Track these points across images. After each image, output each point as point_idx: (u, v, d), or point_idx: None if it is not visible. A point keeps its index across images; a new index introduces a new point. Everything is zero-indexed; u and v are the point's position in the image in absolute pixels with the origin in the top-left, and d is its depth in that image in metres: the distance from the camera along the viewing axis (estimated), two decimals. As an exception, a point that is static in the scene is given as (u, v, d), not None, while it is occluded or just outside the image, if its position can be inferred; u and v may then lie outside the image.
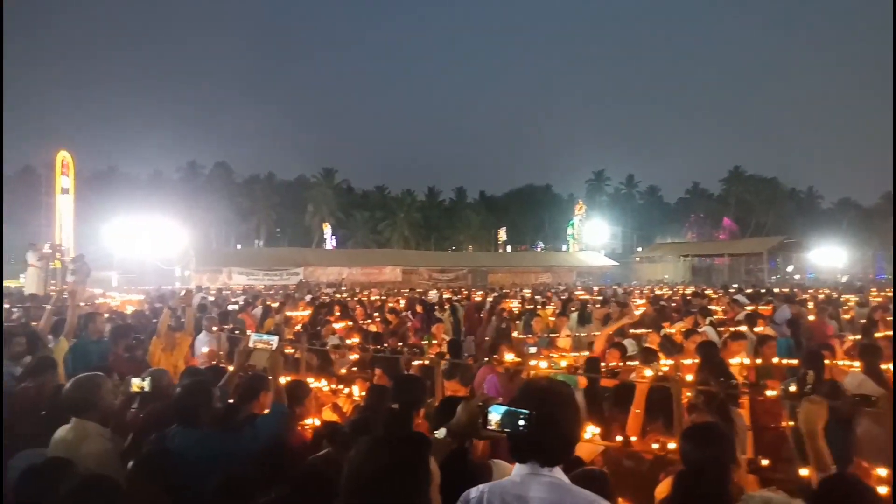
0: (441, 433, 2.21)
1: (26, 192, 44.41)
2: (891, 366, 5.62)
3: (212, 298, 16.06)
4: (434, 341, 8.10)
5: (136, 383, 3.74)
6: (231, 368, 4.13)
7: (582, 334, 9.89)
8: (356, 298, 16.88)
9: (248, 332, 4.45)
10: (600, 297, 16.55)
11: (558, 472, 1.62)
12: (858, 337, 8.12)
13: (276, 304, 13.02)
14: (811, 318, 10.71)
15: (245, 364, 3.85)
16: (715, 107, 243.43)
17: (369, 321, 11.06)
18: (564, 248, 62.89)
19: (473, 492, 1.76)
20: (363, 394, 4.25)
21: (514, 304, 15.57)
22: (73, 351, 5.72)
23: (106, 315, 8.55)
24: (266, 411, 3.62)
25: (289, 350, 5.86)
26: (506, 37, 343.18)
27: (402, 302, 15.00)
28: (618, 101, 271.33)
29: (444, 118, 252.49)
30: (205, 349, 7.05)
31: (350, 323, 10.16)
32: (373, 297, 18.52)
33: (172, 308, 7.01)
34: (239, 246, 58.27)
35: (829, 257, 47.64)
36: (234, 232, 64.41)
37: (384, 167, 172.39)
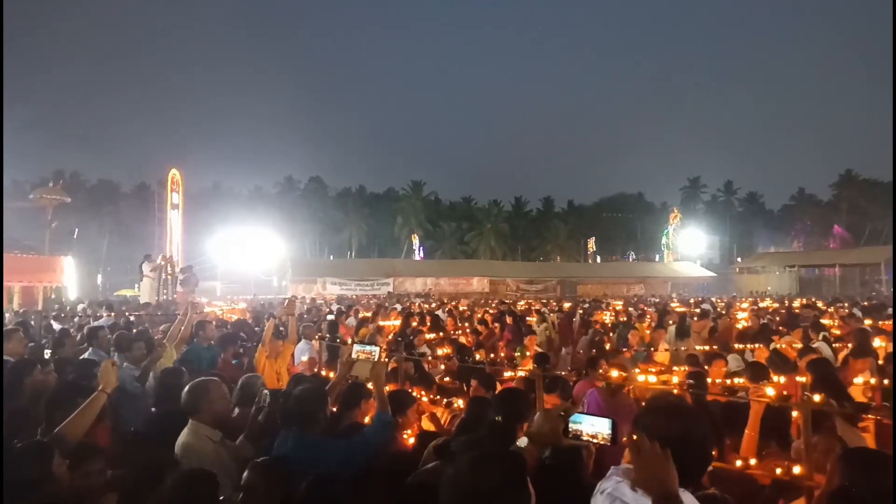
0: (523, 442, 2.18)
1: (141, 207, 48.10)
2: None
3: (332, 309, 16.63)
4: (527, 353, 8.00)
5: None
6: (332, 376, 4.24)
7: (681, 348, 9.48)
8: (446, 309, 16.98)
9: (350, 342, 4.56)
10: (698, 310, 15.83)
11: (687, 497, 1.52)
12: None
13: (369, 314, 13.33)
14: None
15: (348, 374, 3.94)
16: (822, 106, 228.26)
17: (458, 332, 11.08)
18: (658, 258, 60.72)
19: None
20: (460, 404, 4.24)
21: (606, 317, 15.16)
22: (185, 356, 6.07)
23: (214, 323, 9.06)
24: (367, 420, 3.69)
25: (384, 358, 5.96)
26: (592, 43, 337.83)
27: (492, 313, 14.95)
28: (714, 105, 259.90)
29: (531, 127, 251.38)
30: (304, 357, 7.29)
31: (441, 334, 10.23)
32: (461, 308, 18.55)
33: (276, 317, 7.31)
34: (332, 257, 60.28)
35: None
36: (328, 243, 66.75)
37: (471, 178, 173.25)
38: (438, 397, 4.51)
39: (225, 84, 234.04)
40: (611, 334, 11.66)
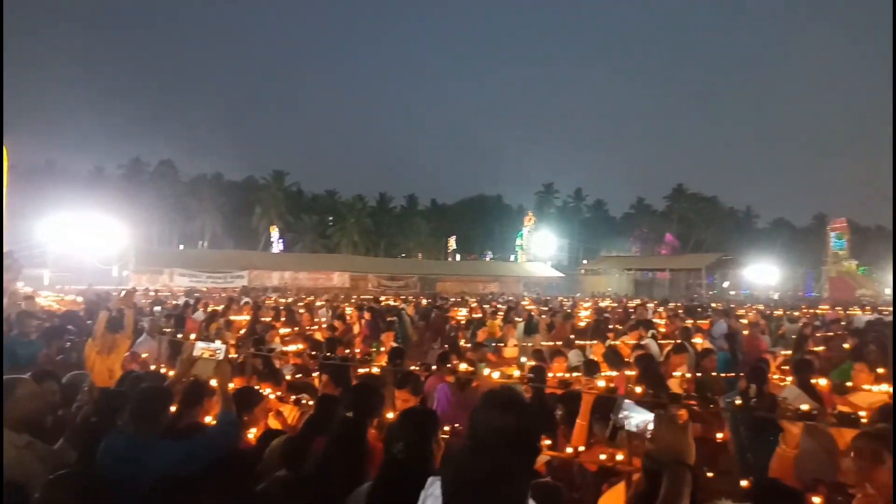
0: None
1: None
2: (821, 380, 5.90)
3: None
4: (382, 349, 8.03)
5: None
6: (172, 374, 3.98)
7: (529, 344, 9.99)
8: (303, 304, 16.60)
9: (193, 339, 4.30)
10: (546, 308, 16.80)
11: None
12: (789, 352, 8.48)
13: (219, 308, 12.68)
14: (745, 332, 11.13)
15: (188, 373, 3.72)
16: (660, 125, 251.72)
17: (315, 328, 10.88)
18: (513, 258, 63.57)
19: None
20: (310, 402, 4.16)
21: (461, 314, 15.62)
22: (-3, 352, 5.40)
23: (36, 315, 8.15)
24: (209, 419, 3.53)
25: (232, 355, 5.70)
26: (461, 48, 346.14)
27: (350, 309, 14.84)
28: (569, 116, 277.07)
29: (396, 125, 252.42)
30: (145, 354, 6.78)
31: (295, 329, 9.98)
32: (319, 303, 18.27)
33: (110, 309, 6.72)
34: (182, 247, 56.51)
35: (762, 274, 49.75)
36: (178, 232, 62.44)
37: (336, 171, 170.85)
38: (288, 394, 4.40)
39: (63, 48, 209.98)
40: (464, 331, 12.04)
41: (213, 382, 3.62)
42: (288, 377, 5.56)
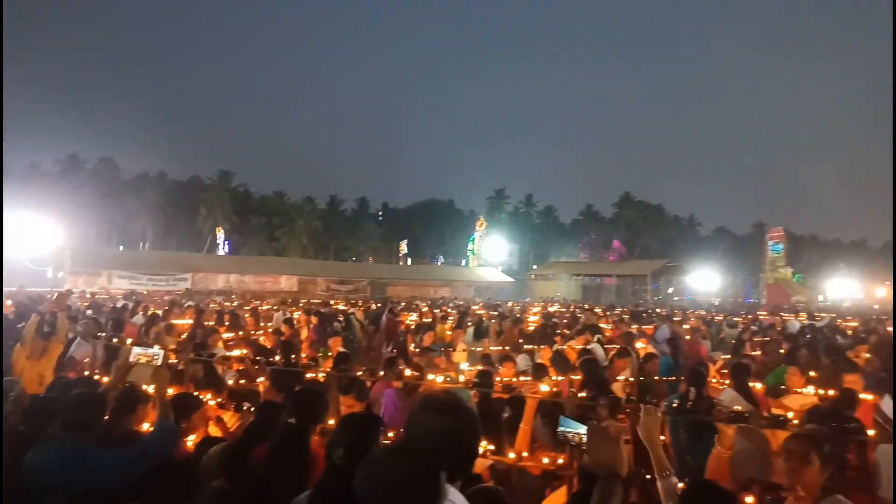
0: None
1: None
2: (757, 384, 6.12)
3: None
4: (329, 354, 7.90)
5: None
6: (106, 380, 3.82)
7: (478, 348, 10.03)
8: (249, 308, 16.26)
9: (130, 344, 4.14)
10: (496, 313, 16.91)
11: (454, 493, 1.57)
12: (728, 356, 8.77)
13: (160, 312, 12.27)
14: (687, 337, 11.46)
15: (123, 379, 3.57)
16: (610, 134, 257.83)
17: (261, 332, 10.65)
18: (464, 263, 63.86)
19: None
20: (251, 409, 4.05)
21: (411, 318, 15.58)
22: None
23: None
24: (146, 426, 3.41)
25: (172, 359, 5.52)
26: (413, 52, 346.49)
27: (298, 313, 14.59)
28: (520, 123, 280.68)
29: (348, 127, 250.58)
30: (87, 359, 6.49)
31: (239, 333, 9.75)
32: (273, 307, 17.95)
33: (42, 312, 6.41)
34: (122, 248, 54.52)
35: (704, 281, 51.44)
36: (118, 232, 60.16)
37: (285, 172, 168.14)
38: (229, 401, 4.27)
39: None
40: (414, 335, 12.00)
41: (151, 389, 3.50)
42: (231, 383, 5.41)
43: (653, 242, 71.88)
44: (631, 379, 6.32)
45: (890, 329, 13.70)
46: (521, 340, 10.67)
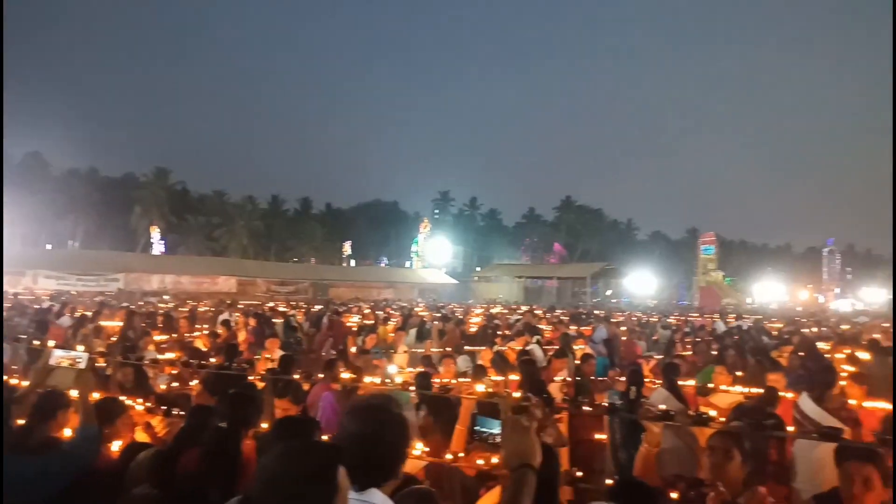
0: None
1: None
2: (689, 382, 6.36)
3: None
4: (268, 356, 7.76)
5: None
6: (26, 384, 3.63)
7: (420, 350, 10.04)
8: (186, 309, 15.78)
9: (51, 347, 3.94)
10: (439, 314, 16.96)
11: (374, 495, 1.57)
12: (661, 356, 9.07)
13: (90, 313, 11.75)
14: (624, 338, 11.79)
15: (43, 383, 3.39)
16: (552, 139, 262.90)
17: (196, 334, 10.34)
18: (408, 264, 63.77)
19: None
20: (182, 413, 3.93)
21: (353, 320, 15.45)
22: None
23: None
24: (68, 432, 3.26)
25: (100, 363, 5.29)
26: (359, 53, 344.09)
27: (237, 315, 14.25)
28: (466, 127, 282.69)
29: (292, 125, 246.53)
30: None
31: (173, 336, 9.45)
32: (202, 308, 17.48)
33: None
34: (50, 246, 51.89)
35: (641, 283, 53.05)
36: (47, 231, 57.17)
37: (225, 171, 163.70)
38: (158, 405, 4.12)
39: None
40: (356, 338, 11.90)
41: (75, 393, 3.34)
42: (164, 387, 5.24)
43: (592, 246, 73.56)
44: (568, 379, 6.45)
45: (808, 331, 14.49)
46: (462, 342, 10.74)
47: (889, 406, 4.69)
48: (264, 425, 3.22)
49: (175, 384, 5.84)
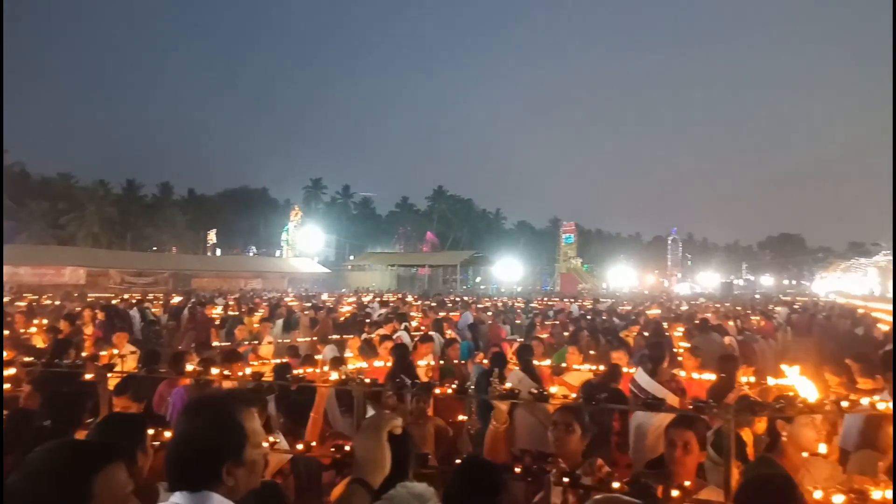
0: None
1: None
2: (545, 362, 6.73)
3: None
4: (117, 351, 7.25)
5: None
6: None
7: (285, 341, 9.83)
8: (24, 304, 14.33)
9: None
10: (309, 304, 16.66)
11: (209, 498, 1.47)
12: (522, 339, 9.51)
13: None
14: (489, 323, 12.24)
15: None
16: (423, 130, 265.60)
17: (33, 330, 9.39)
18: (278, 253, 61.81)
19: None
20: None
21: (217, 311, 14.79)
22: None
23: None
24: None
25: None
26: (232, 34, 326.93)
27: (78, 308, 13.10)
28: (339, 114, 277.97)
29: (148, 104, 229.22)
30: None
31: (7, 333, 8.50)
32: (45, 302, 15.99)
33: None
34: None
35: (508, 271, 55.23)
36: None
37: (72, 152, 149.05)
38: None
39: None
40: (220, 329, 11.47)
41: None
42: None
43: (463, 234, 75.35)
44: (433, 363, 6.60)
45: (651, 313, 15.88)
46: (332, 331, 10.65)
47: (713, 377, 5.28)
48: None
49: (8, 386, 5.27)
